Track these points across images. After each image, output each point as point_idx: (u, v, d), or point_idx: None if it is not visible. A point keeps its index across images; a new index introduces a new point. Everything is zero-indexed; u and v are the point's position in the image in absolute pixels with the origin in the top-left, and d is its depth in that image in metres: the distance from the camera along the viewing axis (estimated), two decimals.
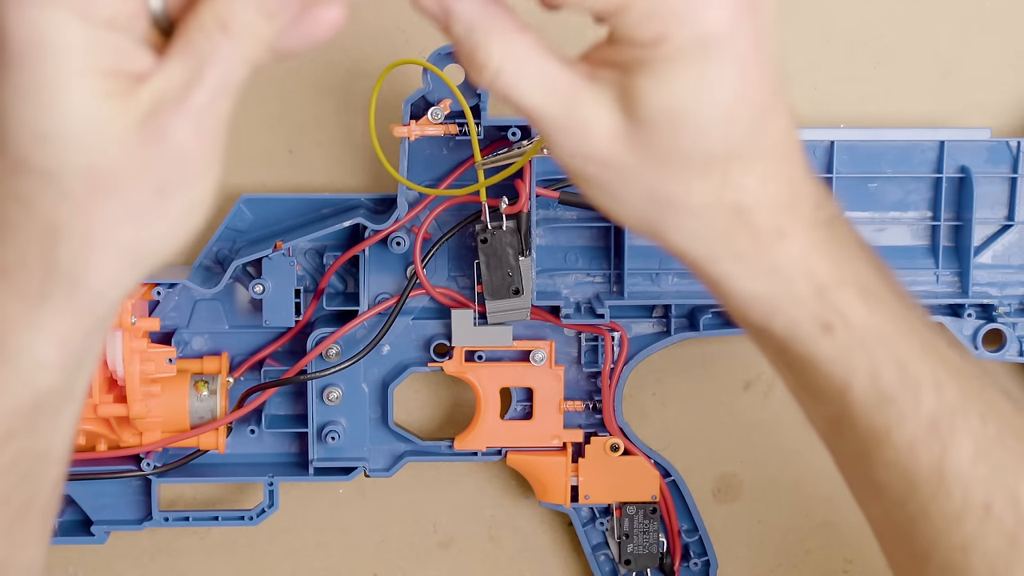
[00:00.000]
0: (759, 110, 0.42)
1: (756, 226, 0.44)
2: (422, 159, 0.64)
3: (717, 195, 0.43)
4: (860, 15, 0.67)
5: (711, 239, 0.44)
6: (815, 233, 0.44)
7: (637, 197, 0.43)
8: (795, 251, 0.44)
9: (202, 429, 0.62)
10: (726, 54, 0.40)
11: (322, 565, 0.70)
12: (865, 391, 0.45)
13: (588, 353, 0.66)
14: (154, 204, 0.37)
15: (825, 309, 0.45)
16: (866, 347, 0.45)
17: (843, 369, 0.45)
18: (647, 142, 0.41)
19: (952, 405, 0.45)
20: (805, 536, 0.71)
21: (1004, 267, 0.66)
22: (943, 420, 0.45)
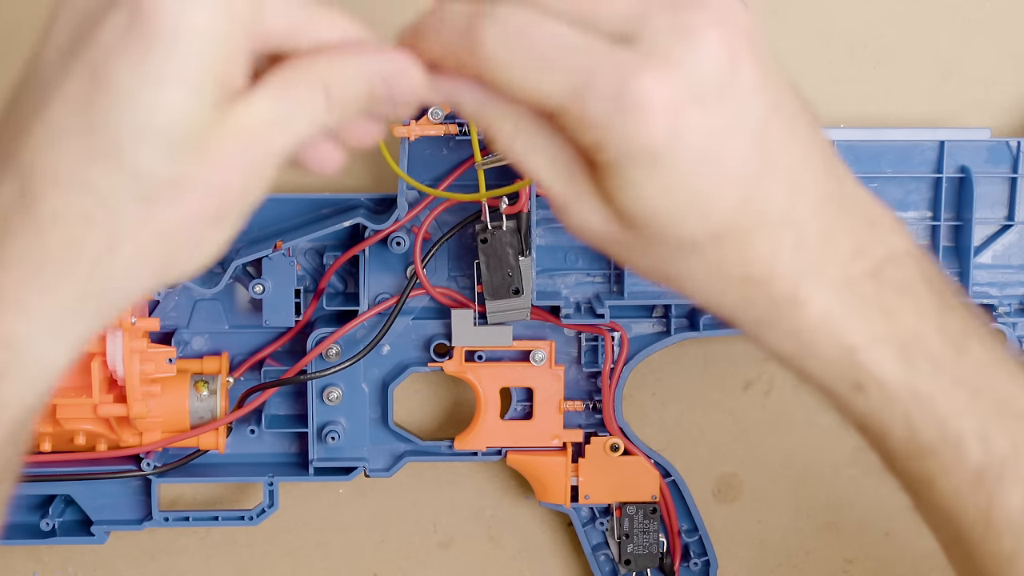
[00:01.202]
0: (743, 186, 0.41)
1: (771, 295, 0.43)
2: (422, 159, 0.64)
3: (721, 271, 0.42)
4: (860, 15, 0.67)
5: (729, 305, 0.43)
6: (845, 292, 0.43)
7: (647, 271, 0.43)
8: (816, 314, 0.43)
9: (202, 429, 0.62)
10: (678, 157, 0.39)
11: (322, 565, 0.70)
12: (904, 445, 0.45)
13: (588, 353, 0.66)
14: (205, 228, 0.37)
15: (855, 371, 0.44)
16: (901, 405, 0.44)
17: (879, 424, 0.44)
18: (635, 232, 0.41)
19: (1001, 456, 0.44)
20: (805, 536, 0.71)
21: (1004, 267, 0.66)
22: (990, 471, 0.44)
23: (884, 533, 0.71)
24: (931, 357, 0.44)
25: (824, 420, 0.70)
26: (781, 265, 0.42)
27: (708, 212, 0.40)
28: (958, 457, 0.44)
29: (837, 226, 0.43)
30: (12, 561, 0.69)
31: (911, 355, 0.44)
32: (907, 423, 0.44)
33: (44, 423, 0.61)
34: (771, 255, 0.42)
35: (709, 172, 0.40)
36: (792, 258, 0.42)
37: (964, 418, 0.44)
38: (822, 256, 0.43)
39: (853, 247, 0.43)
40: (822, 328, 0.43)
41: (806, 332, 0.43)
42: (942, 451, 0.44)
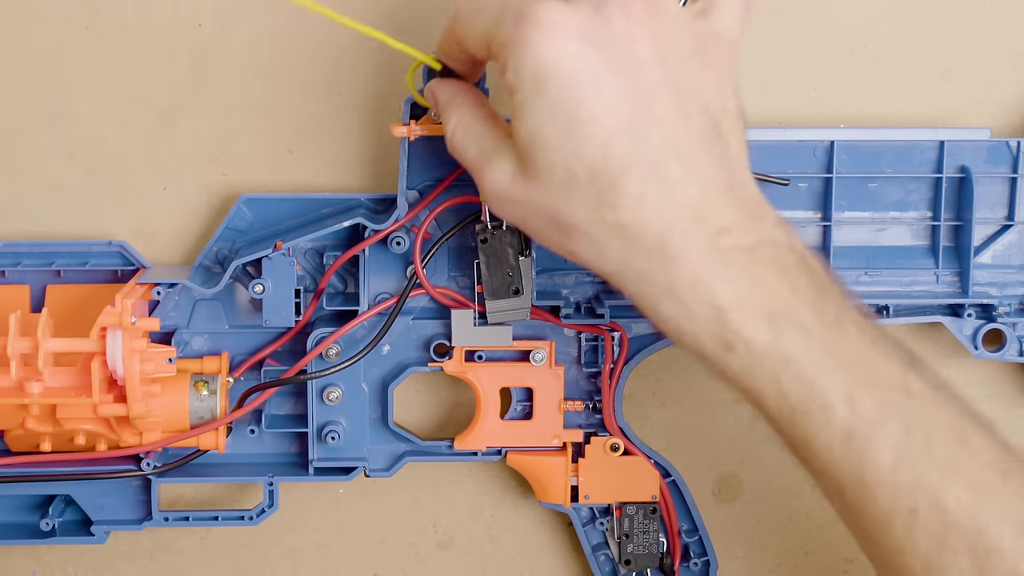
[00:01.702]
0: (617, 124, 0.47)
1: (642, 244, 0.48)
2: (422, 159, 0.64)
3: (597, 212, 0.48)
4: (860, 15, 0.67)
5: (611, 257, 0.49)
6: (715, 256, 0.48)
7: (547, 228, 0.50)
8: (687, 271, 0.48)
9: (202, 429, 0.62)
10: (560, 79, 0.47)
11: (322, 565, 0.70)
12: (777, 405, 0.49)
13: (588, 353, 0.66)
14: None
15: (724, 331, 0.48)
16: (769, 365, 0.48)
17: (752, 384, 0.49)
18: (530, 170, 0.49)
19: (869, 417, 0.47)
20: (805, 536, 0.71)
21: (1004, 267, 0.66)
22: (859, 431, 0.48)
23: None
24: (800, 327, 0.48)
25: None
26: (648, 212, 0.48)
27: (584, 138, 0.47)
28: (826, 417, 0.48)
29: (711, 203, 0.49)
30: (12, 561, 0.69)
31: (779, 323, 0.48)
32: (777, 385, 0.48)
33: (44, 423, 0.61)
34: (639, 200, 0.48)
35: (589, 100, 0.47)
36: (659, 210, 0.48)
37: (830, 380, 0.48)
38: (690, 220, 0.48)
39: (726, 224, 0.49)
40: (691, 286, 0.48)
41: (678, 288, 0.48)
42: (812, 411, 0.48)
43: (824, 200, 0.65)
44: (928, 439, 0.47)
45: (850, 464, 0.48)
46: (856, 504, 0.48)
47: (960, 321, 0.66)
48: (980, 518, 0.46)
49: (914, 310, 0.66)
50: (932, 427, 0.48)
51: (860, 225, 0.66)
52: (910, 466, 0.47)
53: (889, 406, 0.48)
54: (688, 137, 0.49)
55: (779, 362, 0.48)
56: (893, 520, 0.47)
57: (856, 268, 0.66)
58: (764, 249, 0.49)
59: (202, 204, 0.66)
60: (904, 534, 0.47)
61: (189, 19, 0.64)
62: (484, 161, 0.52)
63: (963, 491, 0.47)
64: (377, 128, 0.66)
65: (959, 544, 0.46)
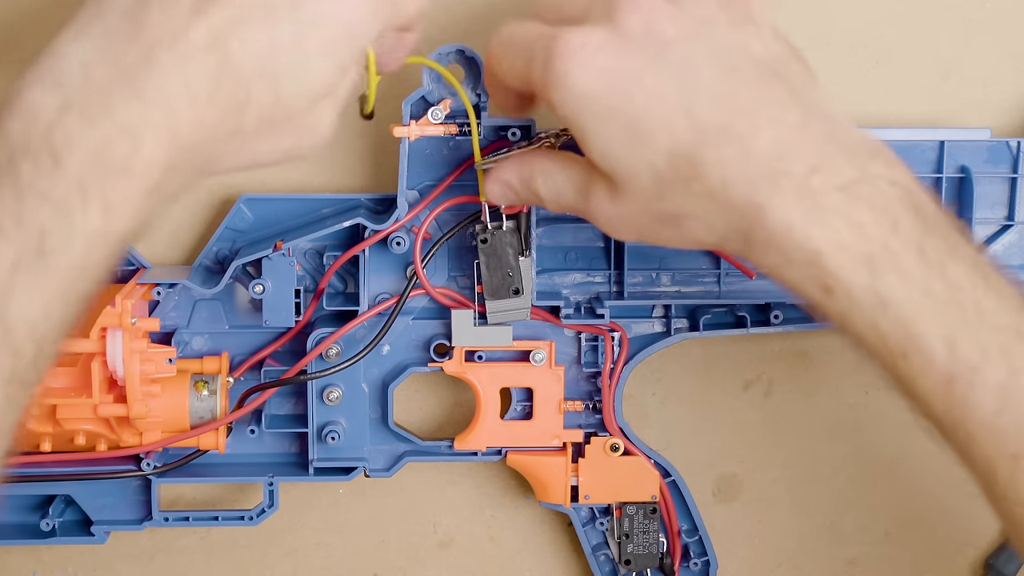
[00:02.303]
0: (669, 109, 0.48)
1: (736, 204, 0.48)
2: (422, 159, 0.64)
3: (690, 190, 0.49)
4: (860, 15, 0.67)
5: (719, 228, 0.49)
6: (806, 201, 0.48)
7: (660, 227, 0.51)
8: (780, 219, 0.48)
9: (202, 429, 0.62)
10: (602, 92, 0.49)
11: (322, 565, 0.70)
12: (877, 348, 0.48)
13: (588, 353, 0.66)
14: None
15: (822, 275, 0.48)
16: (867, 308, 0.48)
17: (853, 328, 0.48)
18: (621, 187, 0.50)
19: (971, 362, 0.47)
20: (805, 536, 0.71)
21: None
22: (961, 376, 0.47)
23: (884, 533, 0.71)
24: (899, 269, 0.48)
25: (824, 420, 0.71)
26: (731, 172, 0.48)
27: (648, 135, 0.48)
28: (926, 361, 0.47)
29: (789, 145, 0.48)
30: (12, 561, 0.69)
31: (877, 265, 0.47)
32: (875, 329, 0.48)
33: (44, 423, 0.61)
34: (718, 165, 0.48)
35: (634, 101, 0.48)
36: (740, 167, 0.48)
37: (930, 324, 0.47)
38: (773, 167, 0.48)
39: (813, 163, 0.48)
40: (786, 233, 0.48)
41: (776, 238, 0.48)
42: (911, 355, 0.48)
43: None
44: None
45: (951, 409, 0.47)
46: (960, 449, 0.48)
47: None
48: None
49: None
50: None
51: None
52: (1014, 410, 0.46)
53: (994, 349, 0.47)
54: (743, 90, 0.49)
55: (877, 305, 0.47)
56: (996, 466, 0.47)
57: None
58: (861, 186, 0.48)
59: (202, 204, 0.66)
60: (1007, 481, 0.47)
61: None
62: (583, 197, 0.53)
63: None
64: (377, 128, 0.66)
65: None
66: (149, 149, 0.43)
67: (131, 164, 0.43)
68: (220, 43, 0.44)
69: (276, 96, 0.46)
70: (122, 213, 0.43)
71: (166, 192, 0.45)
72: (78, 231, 0.42)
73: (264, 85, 0.45)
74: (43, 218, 0.42)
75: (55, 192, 0.42)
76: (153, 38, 0.44)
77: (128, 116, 0.43)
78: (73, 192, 0.42)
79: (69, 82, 0.43)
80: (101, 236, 0.43)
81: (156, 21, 0.44)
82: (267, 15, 0.45)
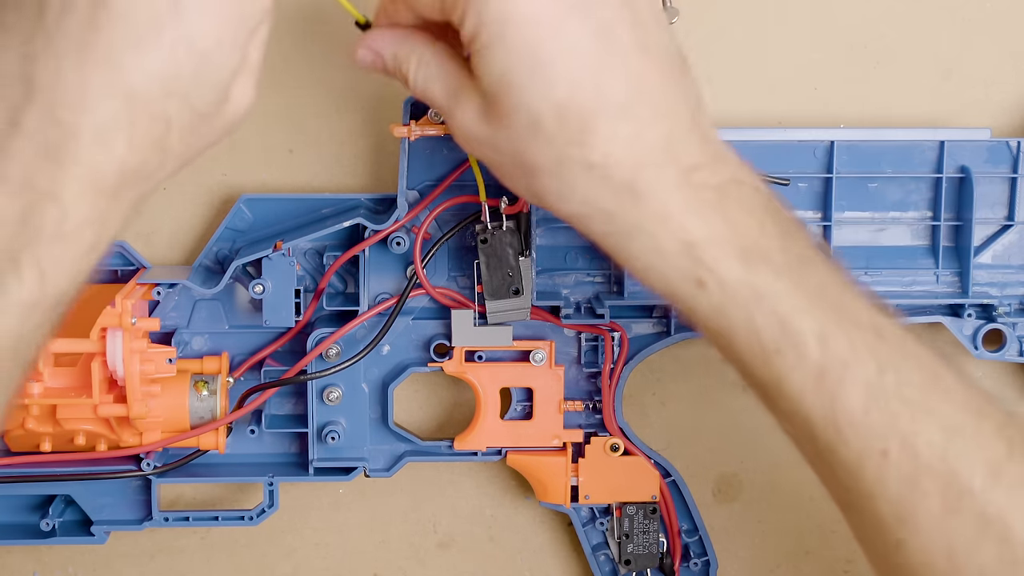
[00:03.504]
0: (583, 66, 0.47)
1: (611, 182, 0.47)
2: (422, 159, 0.64)
3: (565, 152, 0.47)
4: (860, 15, 0.67)
5: (577, 199, 0.48)
6: (686, 192, 0.48)
7: (514, 169, 0.50)
8: (656, 207, 0.47)
9: (202, 429, 0.62)
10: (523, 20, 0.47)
11: (322, 565, 0.70)
12: (749, 344, 0.48)
13: (588, 353, 0.66)
14: None
15: (695, 266, 0.47)
16: (741, 302, 0.47)
17: (724, 322, 0.48)
18: (496, 112, 0.48)
19: (841, 357, 0.47)
20: (805, 536, 0.71)
21: (1004, 267, 0.66)
22: (831, 371, 0.47)
23: None
24: (771, 264, 0.48)
25: None
26: (618, 151, 0.47)
27: (549, 80, 0.47)
28: (799, 356, 0.47)
29: (679, 140, 0.48)
30: (12, 561, 0.69)
31: (751, 258, 0.47)
32: (749, 322, 0.47)
33: (44, 423, 0.61)
34: (608, 140, 0.47)
35: (551, 42, 0.47)
36: (629, 148, 0.47)
37: (803, 317, 0.47)
38: (661, 156, 0.48)
39: (695, 162, 0.48)
40: (662, 222, 0.47)
41: (648, 225, 0.48)
42: (784, 350, 0.47)
43: (824, 200, 0.65)
44: (900, 380, 0.47)
45: (822, 405, 0.47)
46: (827, 447, 0.48)
47: (960, 321, 0.66)
48: (952, 460, 0.46)
49: (914, 310, 0.66)
50: (904, 368, 0.47)
51: (860, 225, 0.66)
52: (882, 407, 0.46)
53: (861, 346, 0.47)
54: (653, 72, 0.48)
55: (751, 298, 0.47)
56: (864, 463, 0.47)
57: (856, 268, 0.66)
58: (732, 188, 0.49)
59: (202, 204, 0.66)
60: (875, 477, 0.47)
61: None
62: (452, 100, 0.50)
63: (935, 432, 0.46)
64: (377, 128, 0.66)
65: (930, 486, 0.46)
66: (76, 211, 0.43)
67: (62, 229, 0.42)
68: (119, 79, 0.43)
69: (192, 109, 0.45)
70: (57, 278, 0.43)
71: (103, 243, 0.44)
72: (13, 302, 0.42)
73: (177, 105, 0.44)
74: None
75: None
76: (48, 94, 0.43)
77: (48, 183, 0.42)
78: (5, 265, 0.42)
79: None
80: (37, 304, 0.43)
81: (47, 74, 0.43)
82: (155, 29, 0.43)
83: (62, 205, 0.42)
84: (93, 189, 0.43)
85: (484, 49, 0.47)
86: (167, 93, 0.44)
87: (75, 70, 0.42)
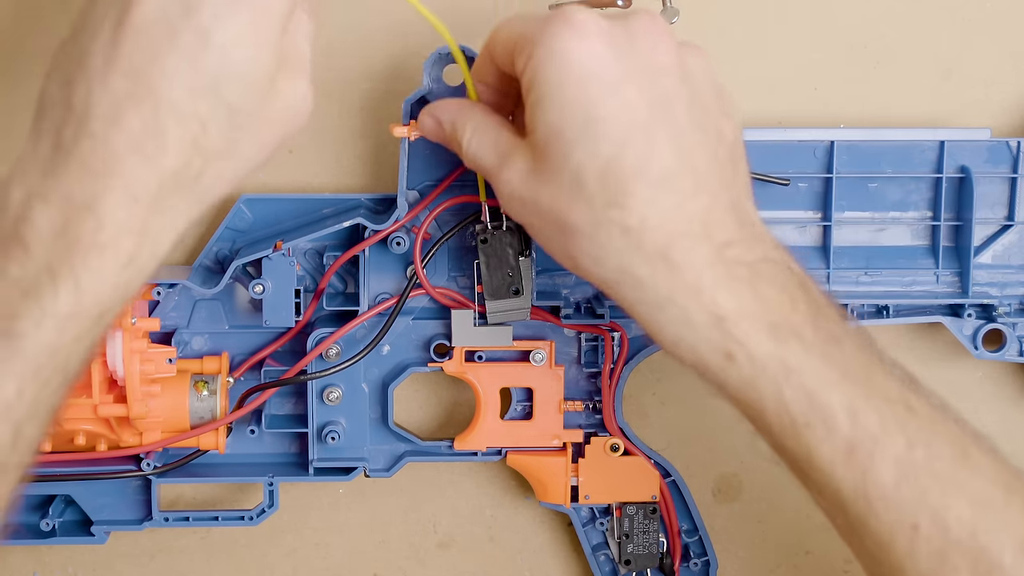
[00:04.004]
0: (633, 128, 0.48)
1: (645, 249, 0.48)
2: (422, 159, 0.64)
3: (603, 213, 0.48)
4: (860, 15, 0.67)
5: (611, 264, 0.49)
6: (718, 268, 0.48)
7: (553, 231, 0.50)
8: (689, 279, 0.48)
9: (202, 429, 0.62)
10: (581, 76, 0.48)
11: (322, 565, 0.70)
12: (778, 417, 0.48)
13: (588, 353, 0.66)
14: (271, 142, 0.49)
15: (725, 340, 0.48)
16: (771, 376, 0.48)
17: (754, 395, 0.48)
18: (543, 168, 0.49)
19: (871, 431, 0.47)
20: (805, 536, 0.71)
21: (1004, 267, 0.66)
22: (861, 445, 0.47)
23: None
24: (801, 339, 0.48)
25: None
26: (655, 218, 0.48)
27: (598, 137, 0.48)
28: (828, 430, 0.48)
29: (716, 217, 0.49)
30: (12, 561, 0.69)
31: (781, 333, 0.48)
32: (778, 396, 0.48)
33: None
34: (646, 204, 0.48)
35: (607, 101, 0.48)
36: (666, 217, 0.48)
37: (832, 392, 0.48)
38: (697, 229, 0.48)
39: (730, 238, 0.49)
40: (694, 294, 0.48)
41: (679, 297, 0.48)
42: (813, 424, 0.48)
43: (824, 200, 0.65)
44: (930, 454, 0.47)
45: (852, 478, 0.47)
46: (858, 521, 0.48)
47: (960, 321, 0.66)
48: (981, 535, 0.46)
49: (914, 310, 0.66)
50: (934, 443, 0.48)
51: (860, 225, 0.66)
52: (912, 482, 0.47)
53: (891, 421, 0.47)
54: (702, 151, 0.49)
55: (781, 372, 0.48)
56: (895, 537, 0.47)
57: (856, 268, 0.66)
58: (765, 266, 0.49)
59: None
60: (905, 552, 0.47)
61: None
62: (501, 161, 0.52)
63: (965, 507, 0.47)
64: (377, 128, 0.66)
65: (960, 561, 0.46)
66: (112, 220, 0.44)
67: (98, 239, 0.43)
68: (142, 87, 0.44)
69: (227, 106, 0.45)
70: (96, 289, 0.44)
71: (148, 255, 0.45)
72: (48, 312, 0.43)
73: (208, 104, 0.45)
74: (13, 302, 0.43)
75: (25, 277, 0.43)
76: (82, 111, 0.44)
77: (84, 194, 0.43)
78: (43, 276, 0.43)
79: (31, 176, 0.44)
80: (74, 315, 0.44)
81: (80, 94, 0.44)
82: (170, 35, 0.44)
83: (97, 215, 0.43)
84: (129, 197, 0.44)
85: (541, 99, 0.49)
86: (194, 93, 0.44)
87: (102, 85, 0.44)
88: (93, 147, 0.44)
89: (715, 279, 0.48)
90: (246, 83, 0.46)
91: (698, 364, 0.49)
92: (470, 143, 0.54)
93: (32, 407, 0.44)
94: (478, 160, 0.53)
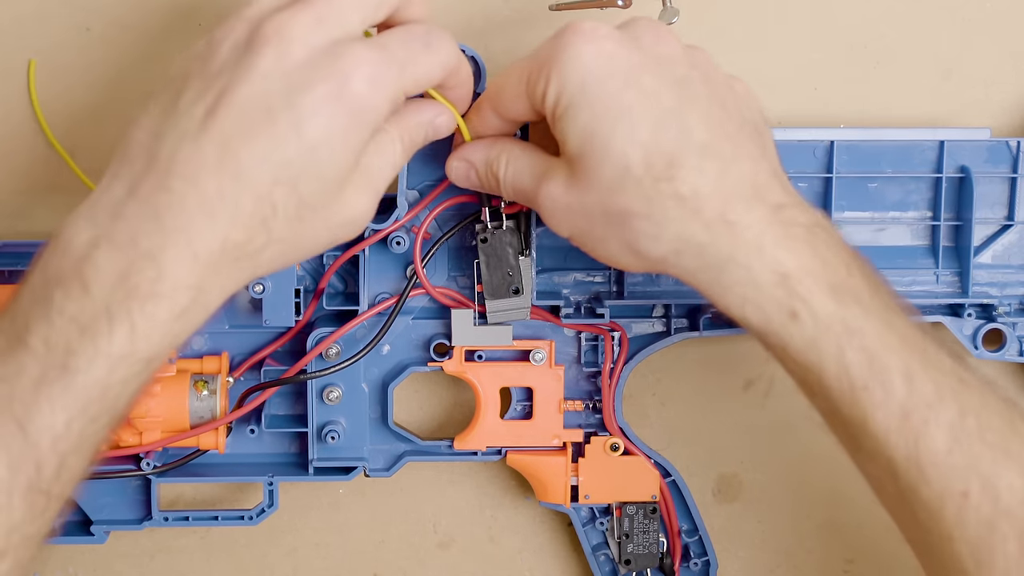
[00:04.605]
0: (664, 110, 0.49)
1: (703, 215, 0.49)
2: (422, 159, 0.64)
3: (655, 189, 0.49)
4: (860, 15, 0.67)
5: (669, 236, 0.50)
6: (777, 228, 0.49)
7: (605, 228, 0.51)
8: (750, 238, 0.49)
9: (202, 429, 0.62)
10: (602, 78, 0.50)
11: (322, 565, 0.70)
12: (838, 379, 0.49)
13: (588, 353, 0.66)
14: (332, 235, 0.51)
15: (790, 297, 0.49)
16: (833, 336, 0.48)
17: (815, 356, 0.49)
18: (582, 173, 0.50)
19: (927, 398, 0.48)
20: (805, 536, 0.71)
21: (1004, 267, 0.66)
22: (916, 411, 0.48)
23: (884, 532, 0.71)
24: (860, 302, 0.49)
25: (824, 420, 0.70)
26: (706, 185, 0.49)
27: (632, 124, 0.49)
28: (886, 393, 0.48)
29: (763, 181, 0.50)
30: None
31: (841, 295, 0.49)
32: (839, 358, 0.48)
33: None
34: (696, 173, 0.49)
35: (629, 91, 0.49)
36: (716, 182, 0.49)
37: (892, 356, 0.48)
38: (749, 191, 0.49)
39: (781, 201, 0.50)
40: (756, 252, 0.49)
41: (741, 256, 0.49)
42: (872, 387, 0.48)
43: (824, 200, 0.65)
44: (981, 424, 0.48)
45: (906, 444, 0.48)
46: (909, 486, 0.48)
47: (960, 321, 0.66)
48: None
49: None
50: (985, 413, 0.48)
51: (860, 225, 0.66)
52: (965, 449, 0.47)
53: (945, 389, 0.48)
54: (730, 124, 0.51)
55: (843, 333, 0.48)
56: (944, 504, 0.48)
57: None
58: (819, 230, 0.50)
59: None
60: (954, 519, 0.47)
61: (189, 19, 0.64)
62: (539, 181, 0.53)
63: (1016, 477, 0.47)
64: None
65: (1009, 530, 0.47)
66: (172, 273, 0.45)
67: (157, 288, 0.45)
68: (230, 159, 0.46)
69: (299, 198, 0.47)
70: (148, 335, 0.45)
71: (200, 310, 0.47)
72: (102, 352, 0.45)
73: (284, 191, 0.47)
74: (70, 339, 0.44)
75: (83, 316, 0.44)
76: (166, 165, 0.46)
77: (149, 244, 0.45)
78: (100, 316, 0.45)
79: (100, 218, 0.46)
80: (125, 357, 0.45)
81: (167, 149, 0.46)
82: (268, 119, 0.46)
83: (159, 265, 0.45)
84: (191, 255, 0.46)
85: (568, 110, 0.50)
86: (275, 179, 0.46)
87: (192, 147, 0.46)
88: (169, 202, 0.45)
89: (775, 238, 0.49)
90: (323, 182, 0.48)
91: (763, 325, 0.50)
92: (506, 173, 0.55)
93: (78, 441, 0.45)
94: (517, 185, 0.54)
